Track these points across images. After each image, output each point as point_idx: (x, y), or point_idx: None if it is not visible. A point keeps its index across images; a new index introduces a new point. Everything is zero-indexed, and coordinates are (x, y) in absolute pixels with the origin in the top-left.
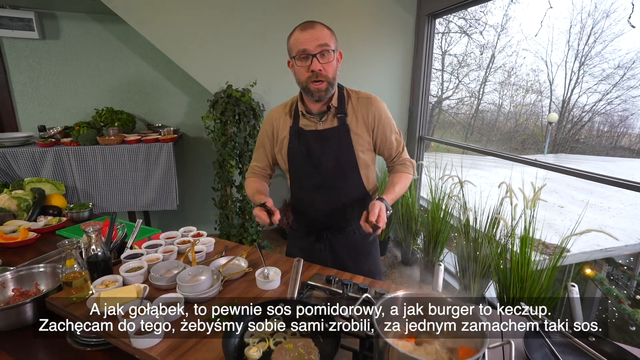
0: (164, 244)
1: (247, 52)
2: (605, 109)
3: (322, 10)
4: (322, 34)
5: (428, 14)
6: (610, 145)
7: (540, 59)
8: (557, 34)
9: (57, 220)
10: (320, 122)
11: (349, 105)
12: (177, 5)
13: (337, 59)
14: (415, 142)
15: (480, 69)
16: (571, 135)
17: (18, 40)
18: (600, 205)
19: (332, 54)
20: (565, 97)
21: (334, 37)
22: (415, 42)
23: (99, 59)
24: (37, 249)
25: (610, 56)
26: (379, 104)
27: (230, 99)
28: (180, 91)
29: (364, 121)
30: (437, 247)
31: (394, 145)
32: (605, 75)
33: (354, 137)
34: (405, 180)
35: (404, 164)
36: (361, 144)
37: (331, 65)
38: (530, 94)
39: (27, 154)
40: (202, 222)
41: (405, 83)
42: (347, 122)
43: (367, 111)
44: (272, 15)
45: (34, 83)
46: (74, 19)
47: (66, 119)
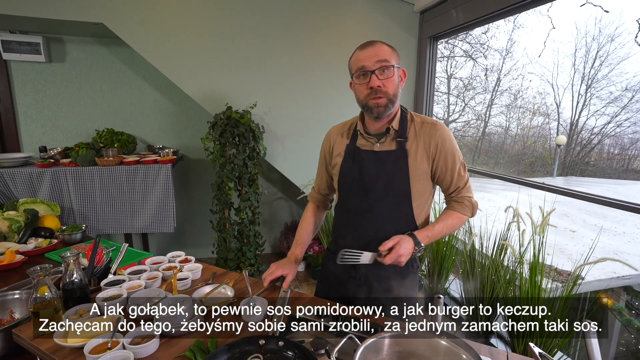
0: (149, 270)
1: (248, 74)
2: (615, 131)
3: (323, 34)
4: (382, 51)
5: (430, 37)
6: (622, 168)
7: (546, 82)
8: (562, 58)
9: (47, 242)
10: (378, 143)
11: (411, 129)
12: (179, 30)
13: (399, 77)
14: None
15: (486, 92)
16: (580, 158)
17: (25, 63)
18: (614, 229)
19: (393, 69)
20: (573, 119)
21: (395, 54)
22: (417, 64)
23: (103, 80)
24: (22, 272)
25: (617, 79)
26: (444, 132)
27: (229, 120)
28: (182, 112)
29: (424, 148)
30: (442, 274)
31: (455, 178)
32: (613, 97)
33: (411, 164)
34: (455, 221)
35: (460, 202)
36: (418, 173)
37: (391, 81)
38: (537, 116)
39: (24, 175)
40: (201, 245)
41: (408, 105)
42: (407, 146)
43: (430, 138)
44: (273, 38)
45: (38, 105)
46: (80, 42)
47: (67, 140)
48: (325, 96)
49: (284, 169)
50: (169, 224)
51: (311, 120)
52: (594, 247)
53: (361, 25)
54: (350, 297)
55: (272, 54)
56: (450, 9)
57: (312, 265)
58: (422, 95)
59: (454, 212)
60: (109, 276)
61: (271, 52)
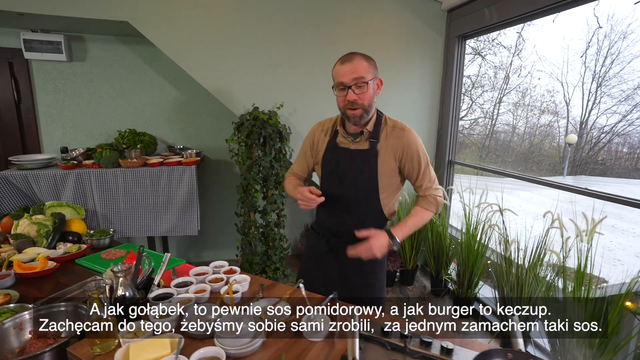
0: (195, 282)
1: (273, 74)
2: (626, 130)
3: (350, 32)
4: (359, 67)
5: (458, 36)
6: (632, 167)
7: (555, 80)
8: (572, 55)
9: (76, 247)
10: (354, 142)
11: (383, 132)
12: (205, 30)
13: (374, 88)
14: (444, 166)
15: (494, 89)
16: (590, 157)
17: (46, 62)
18: (632, 231)
19: (367, 85)
20: (583, 118)
21: (371, 67)
22: (445, 63)
23: (123, 80)
24: (55, 279)
25: (629, 77)
26: (411, 136)
27: (256, 121)
28: (203, 112)
29: (393, 149)
30: (473, 279)
31: (420, 176)
32: (625, 96)
33: (380, 162)
34: (423, 216)
35: (426, 199)
36: (386, 170)
37: (366, 94)
38: (546, 114)
39: (48, 177)
40: (221, 248)
41: (434, 105)
42: (378, 147)
43: (398, 141)
44: (299, 38)
45: (59, 104)
46: (101, 41)
47: (88, 141)
48: None
49: None
50: (193, 227)
51: None
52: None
53: (389, 23)
54: (328, 271)
55: (298, 54)
56: (480, 7)
57: None
58: (450, 95)
59: (421, 210)
60: (154, 289)
61: (297, 51)
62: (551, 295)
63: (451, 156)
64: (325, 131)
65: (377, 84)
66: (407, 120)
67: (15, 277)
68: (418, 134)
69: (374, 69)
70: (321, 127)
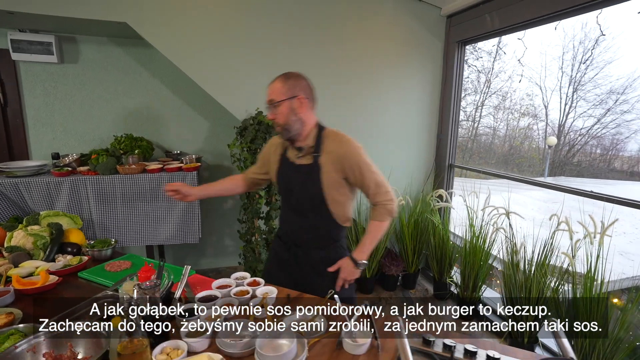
0: (220, 296)
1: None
2: (601, 132)
3: (350, 34)
4: (273, 90)
5: (458, 41)
6: (607, 168)
7: (534, 84)
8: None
9: (77, 259)
10: (298, 157)
11: (324, 145)
12: (206, 32)
13: (290, 107)
14: (444, 170)
15: (477, 93)
16: (568, 159)
17: (35, 64)
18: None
19: (278, 107)
20: (561, 121)
21: (285, 88)
22: (444, 68)
23: (118, 83)
24: (58, 295)
25: (602, 82)
26: (349, 148)
27: (260, 126)
28: (200, 116)
29: (333, 162)
30: (477, 282)
31: (365, 184)
32: (599, 100)
33: (324, 175)
34: (379, 229)
35: (377, 209)
36: (331, 182)
37: (280, 114)
38: (525, 117)
39: (41, 184)
40: (220, 255)
41: (434, 109)
42: (320, 161)
43: (338, 152)
44: (301, 41)
45: (48, 108)
46: (94, 42)
47: (80, 146)
48: (356, 101)
49: None
50: (194, 235)
51: (343, 126)
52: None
53: (390, 27)
54: (292, 276)
55: (301, 58)
56: (481, 14)
57: None
58: (450, 99)
59: (374, 223)
60: (175, 303)
61: (299, 54)
62: (560, 296)
63: (451, 160)
64: (279, 144)
65: (299, 102)
66: (407, 124)
67: (15, 293)
68: (417, 137)
69: (290, 88)
70: (276, 140)
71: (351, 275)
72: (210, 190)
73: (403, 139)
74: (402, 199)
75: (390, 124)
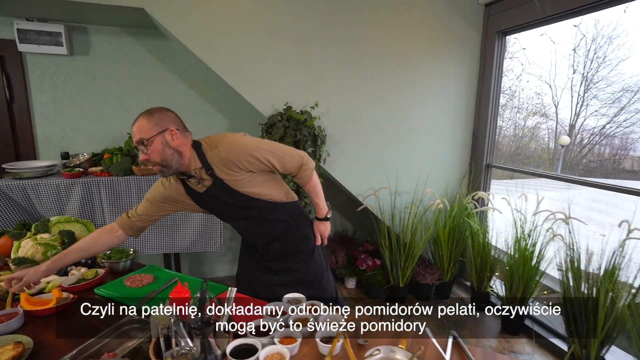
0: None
1: (305, 71)
2: (615, 132)
3: (382, 25)
4: (138, 130)
5: (498, 31)
6: (620, 168)
7: (544, 82)
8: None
9: (93, 273)
10: (197, 184)
11: (210, 158)
12: (230, 20)
13: (163, 142)
14: (481, 171)
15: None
16: (579, 159)
17: (43, 56)
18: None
19: (149, 145)
20: (573, 120)
21: (151, 124)
22: (482, 60)
23: (131, 76)
24: (74, 317)
25: (615, 79)
26: (229, 145)
27: (289, 122)
28: (219, 113)
29: (227, 167)
30: (526, 295)
31: (273, 165)
32: (614, 98)
33: (232, 183)
34: (316, 187)
35: (298, 177)
36: (244, 183)
37: (153, 152)
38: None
39: (51, 187)
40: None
41: (470, 106)
42: (218, 174)
43: (223, 158)
44: (331, 32)
45: (57, 104)
46: (106, 33)
47: (90, 145)
48: (389, 100)
49: (341, 176)
50: (216, 242)
51: (374, 127)
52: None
53: (423, 18)
54: (264, 277)
55: (331, 50)
56: (525, 0)
57: (364, 282)
58: (488, 95)
59: (307, 185)
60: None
61: (330, 47)
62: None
63: (489, 159)
64: (172, 181)
65: (170, 134)
66: (441, 122)
67: (24, 315)
68: (452, 136)
69: (157, 123)
70: (166, 180)
71: (327, 231)
72: (67, 259)
73: (438, 138)
74: (439, 202)
75: (424, 123)
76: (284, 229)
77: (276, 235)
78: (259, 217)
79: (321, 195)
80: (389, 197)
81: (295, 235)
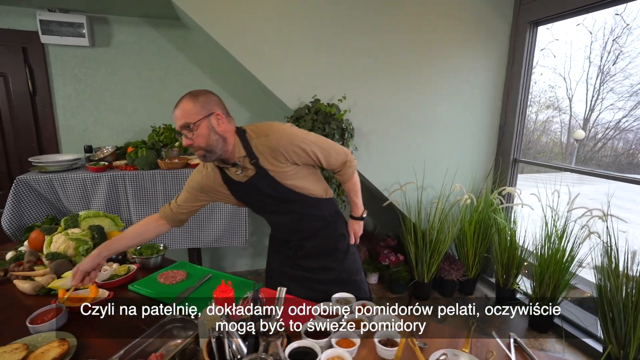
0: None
1: (332, 63)
2: (631, 125)
3: (409, 16)
4: (183, 113)
5: (530, 22)
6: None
7: (558, 75)
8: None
9: (125, 269)
10: (240, 173)
11: (255, 147)
12: (257, 7)
13: (209, 126)
14: (508, 165)
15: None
16: (594, 153)
17: (65, 48)
18: None
19: (193, 130)
20: (588, 114)
21: (197, 107)
22: (512, 52)
23: (152, 68)
24: (110, 314)
25: (635, 71)
26: (275, 135)
27: (317, 115)
28: (241, 106)
29: (274, 157)
30: (556, 293)
31: (319, 159)
32: (632, 91)
33: (276, 175)
34: (355, 185)
35: (340, 174)
36: (289, 175)
37: (199, 137)
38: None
39: (77, 181)
40: (260, 256)
41: (497, 99)
42: (262, 164)
43: (270, 146)
44: (358, 22)
45: (79, 97)
46: (127, 23)
47: (112, 138)
48: (413, 89)
49: (367, 170)
50: (241, 237)
51: (398, 116)
52: None
53: (453, 9)
54: (296, 274)
55: (358, 42)
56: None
57: (387, 277)
58: (517, 90)
59: (348, 183)
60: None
61: (357, 39)
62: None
63: (516, 154)
64: (211, 169)
65: (216, 118)
66: (466, 114)
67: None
68: (476, 128)
69: (203, 106)
70: (203, 168)
71: (361, 230)
72: (119, 244)
73: (464, 132)
74: (467, 197)
75: (450, 116)
76: (321, 226)
77: (313, 232)
78: (297, 212)
79: (359, 194)
80: (414, 192)
81: (332, 233)
